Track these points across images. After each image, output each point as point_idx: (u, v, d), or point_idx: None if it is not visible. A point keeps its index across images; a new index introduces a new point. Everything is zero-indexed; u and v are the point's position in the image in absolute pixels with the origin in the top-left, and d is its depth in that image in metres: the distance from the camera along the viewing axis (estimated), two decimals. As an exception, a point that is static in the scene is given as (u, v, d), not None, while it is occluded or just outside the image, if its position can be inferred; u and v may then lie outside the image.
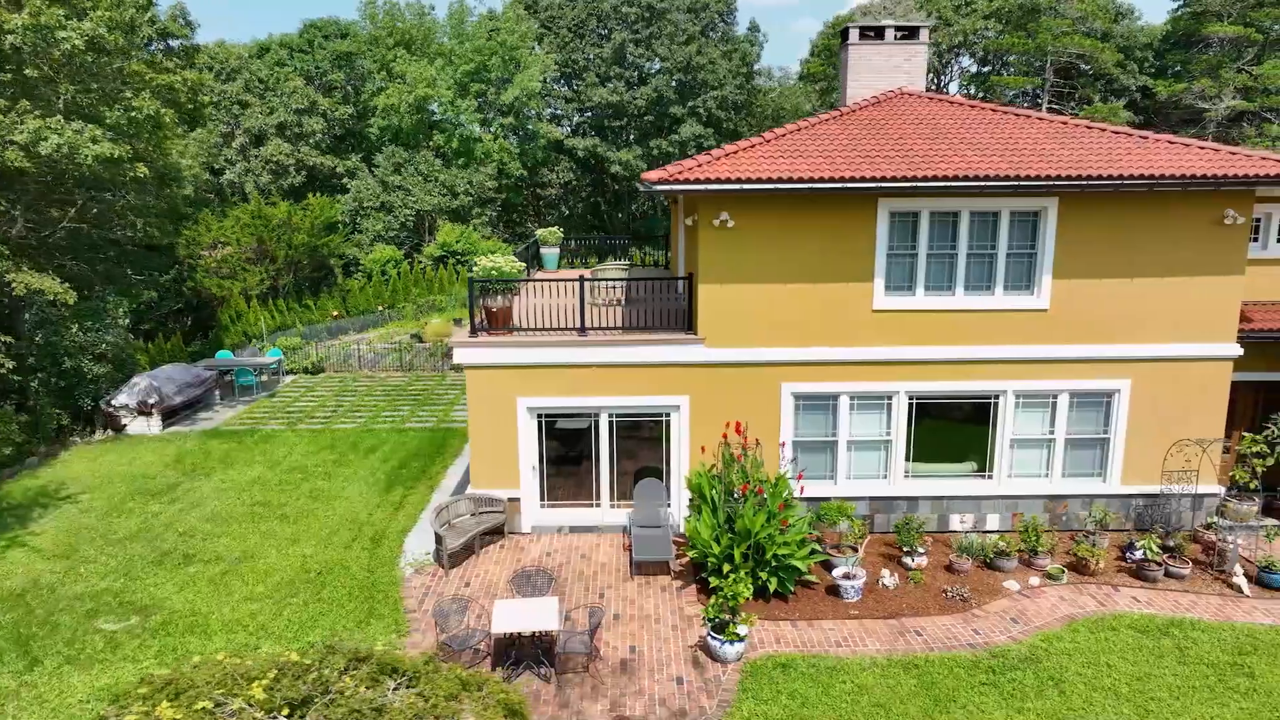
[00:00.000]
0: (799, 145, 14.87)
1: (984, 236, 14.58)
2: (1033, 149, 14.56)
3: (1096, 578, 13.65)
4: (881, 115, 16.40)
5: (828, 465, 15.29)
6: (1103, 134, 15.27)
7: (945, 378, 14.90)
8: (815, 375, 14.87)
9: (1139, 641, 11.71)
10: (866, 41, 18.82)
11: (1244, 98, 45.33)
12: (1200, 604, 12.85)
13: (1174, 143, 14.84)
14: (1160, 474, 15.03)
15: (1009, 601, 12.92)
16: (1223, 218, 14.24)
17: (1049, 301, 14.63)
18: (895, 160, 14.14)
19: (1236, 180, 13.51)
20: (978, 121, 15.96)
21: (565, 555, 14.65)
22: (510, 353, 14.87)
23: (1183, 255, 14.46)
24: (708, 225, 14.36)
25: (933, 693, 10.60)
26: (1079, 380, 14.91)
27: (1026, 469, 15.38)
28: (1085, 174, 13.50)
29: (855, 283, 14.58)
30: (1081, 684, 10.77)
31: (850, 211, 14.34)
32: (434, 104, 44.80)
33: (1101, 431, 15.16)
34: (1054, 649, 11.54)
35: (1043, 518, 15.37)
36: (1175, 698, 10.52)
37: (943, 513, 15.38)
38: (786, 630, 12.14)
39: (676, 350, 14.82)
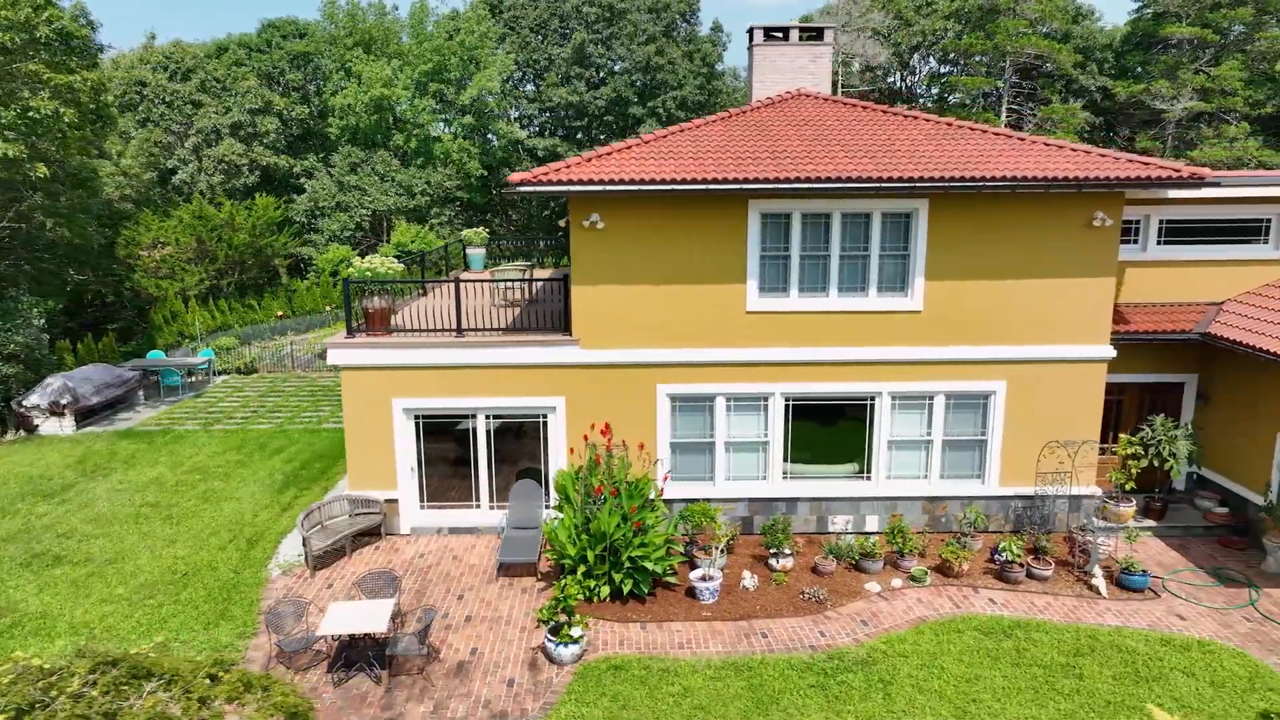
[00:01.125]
0: (675, 147, 14.87)
1: (857, 238, 14.58)
2: (908, 151, 14.57)
3: (960, 579, 13.66)
4: (769, 117, 16.41)
5: (706, 466, 15.29)
6: (983, 136, 15.28)
7: (821, 379, 14.91)
8: (690, 377, 14.87)
9: (980, 643, 11.72)
10: (771, 43, 18.82)
11: (1202, 99, 45.38)
12: (1055, 605, 12.86)
13: (1050, 145, 14.85)
14: (1035, 476, 15.04)
15: (865, 603, 12.93)
16: (1092, 219, 14.25)
17: (922, 303, 14.64)
18: (766, 162, 14.14)
19: (1098, 182, 13.52)
20: (863, 123, 15.96)
21: (438, 556, 14.65)
22: (386, 354, 14.86)
23: (1055, 257, 14.47)
24: (578, 226, 14.35)
25: (758, 695, 10.61)
26: (954, 382, 14.92)
27: (905, 470, 15.39)
28: (948, 175, 13.50)
29: (728, 284, 14.58)
30: (910, 686, 10.78)
31: (721, 213, 14.34)
32: (393, 104, 44.76)
33: (979, 433, 15.17)
34: (893, 651, 11.55)
35: (922, 519, 15.38)
36: (997, 699, 10.53)
37: (822, 514, 15.39)
38: (634, 632, 12.14)
39: (551, 351, 14.82)
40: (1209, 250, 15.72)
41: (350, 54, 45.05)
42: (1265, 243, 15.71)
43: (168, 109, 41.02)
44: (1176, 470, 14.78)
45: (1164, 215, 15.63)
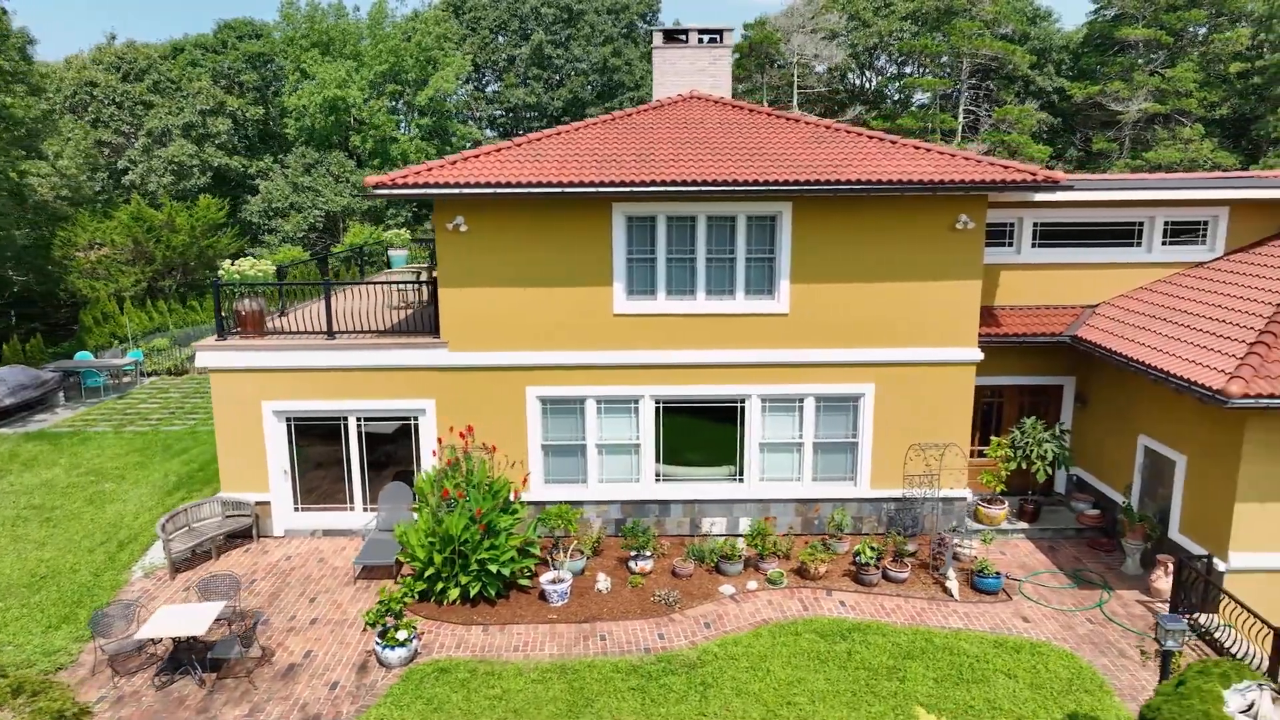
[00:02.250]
0: (544, 149, 14.90)
1: (723, 241, 14.61)
2: (777, 154, 14.59)
3: (817, 582, 13.68)
4: (653, 119, 16.44)
5: (579, 469, 15.31)
6: (857, 139, 15.32)
7: (690, 382, 14.93)
8: (560, 379, 14.89)
9: (815, 646, 11.75)
10: (671, 45, 18.86)
11: (1157, 100, 45.47)
12: (904, 608, 12.89)
13: (919, 148, 14.88)
14: (903, 478, 15.07)
15: (714, 606, 12.95)
16: (955, 222, 14.29)
17: (788, 306, 14.67)
18: (630, 165, 14.16)
19: (954, 185, 13.56)
20: (743, 126, 16.00)
21: (304, 559, 14.65)
22: (256, 356, 14.86)
23: (921, 260, 14.51)
24: (443, 229, 14.37)
25: (576, 698, 10.63)
26: (823, 385, 14.95)
27: (778, 473, 15.41)
28: (802, 179, 13.53)
29: (595, 287, 14.59)
30: (729, 689, 10.80)
31: (586, 216, 14.36)
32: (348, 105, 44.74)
33: (850, 436, 15.20)
34: (725, 654, 11.57)
35: (796, 521, 15.42)
36: (812, 702, 10.56)
37: (695, 516, 15.41)
38: (475, 635, 12.15)
39: (420, 354, 14.83)
40: (1082, 253, 15.77)
41: (306, 55, 45.05)
42: (1139, 246, 15.76)
43: (117, 109, 40.97)
44: (1042, 473, 14.82)
45: (1038, 218, 15.67)
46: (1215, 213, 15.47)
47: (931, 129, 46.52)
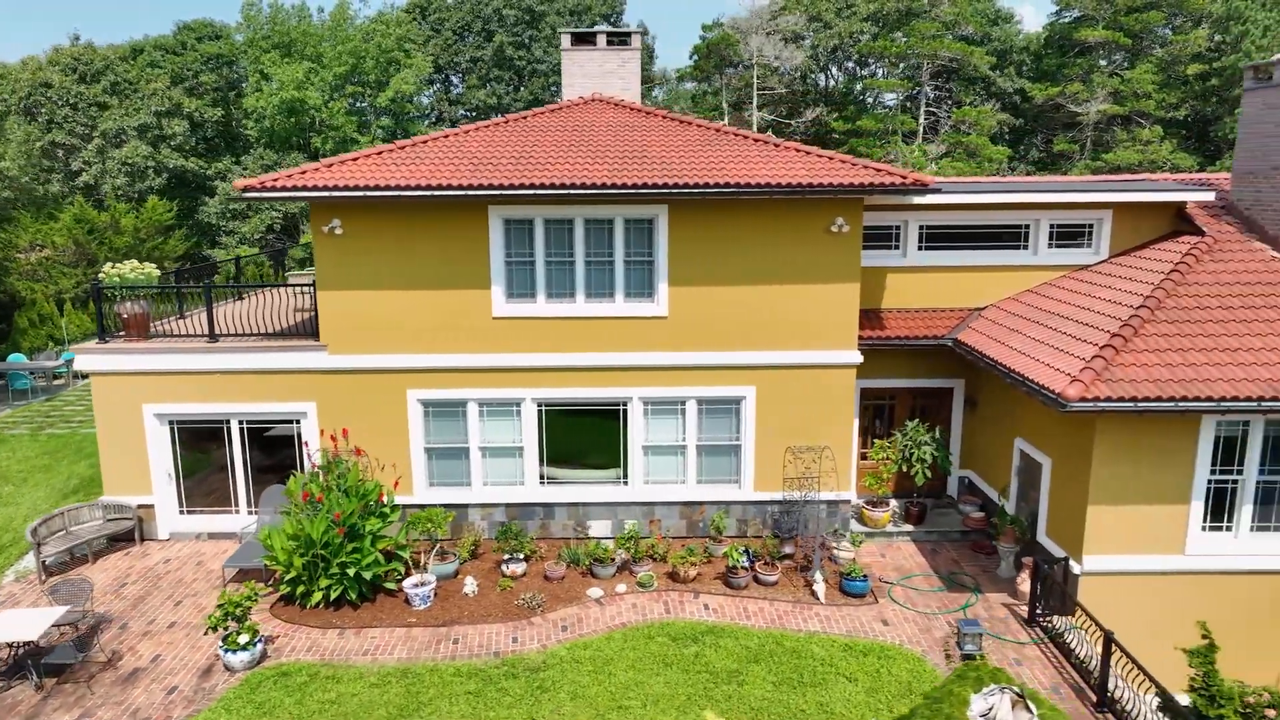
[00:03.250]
0: (425, 152, 14.89)
1: (601, 244, 14.61)
2: (658, 158, 14.60)
3: (689, 585, 13.68)
4: (548, 122, 16.45)
5: (463, 472, 15.30)
6: (742, 142, 15.33)
7: (571, 384, 14.92)
8: (441, 382, 14.88)
9: (664, 649, 11.74)
10: (580, 47, 18.90)
11: (1116, 102, 45.54)
12: (767, 611, 12.89)
13: (800, 151, 14.90)
14: (783, 481, 15.07)
15: (578, 609, 12.94)
16: (831, 225, 14.30)
17: (668, 309, 14.67)
18: (506, 168, 14.16)
19: (823, 188, 13.57)
20: (633, 129, 16.02)
21: (182, 562, 14.63)
22: (137, 359, 14.83)
23: (799, 263, 14.52)
24: (319, 232, 14.35)
25: (409, 702, 10.62)
26: (705, 387, 14.95)
27: (663, 475, 15.41)
28: (670, 182, 13.53)
29: (474, 290, 14.59)
30: (566, 693, 10.80)
31: (462, 219, 14.35)
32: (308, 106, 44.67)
33: (733, 439, 15.20)
34: (573, 657, 11.57)
35: (681, 524, 15.42)
36: (645, 706, 10.55)
37: (580, 519, 15.40)
38: (330, 639, 12.14)
39: (301, 357, 14.81)
40: (969, 256, 15.78)
41: (266, 57, 44.97)
42: (1026, 249, 15.77)
43: (72, 111, 40.89)
44: (920, 476, 14.83)
45: (924, 221, 15.67)
46: (1099, 216, 15.49)
47: (892, 130, 46.54)
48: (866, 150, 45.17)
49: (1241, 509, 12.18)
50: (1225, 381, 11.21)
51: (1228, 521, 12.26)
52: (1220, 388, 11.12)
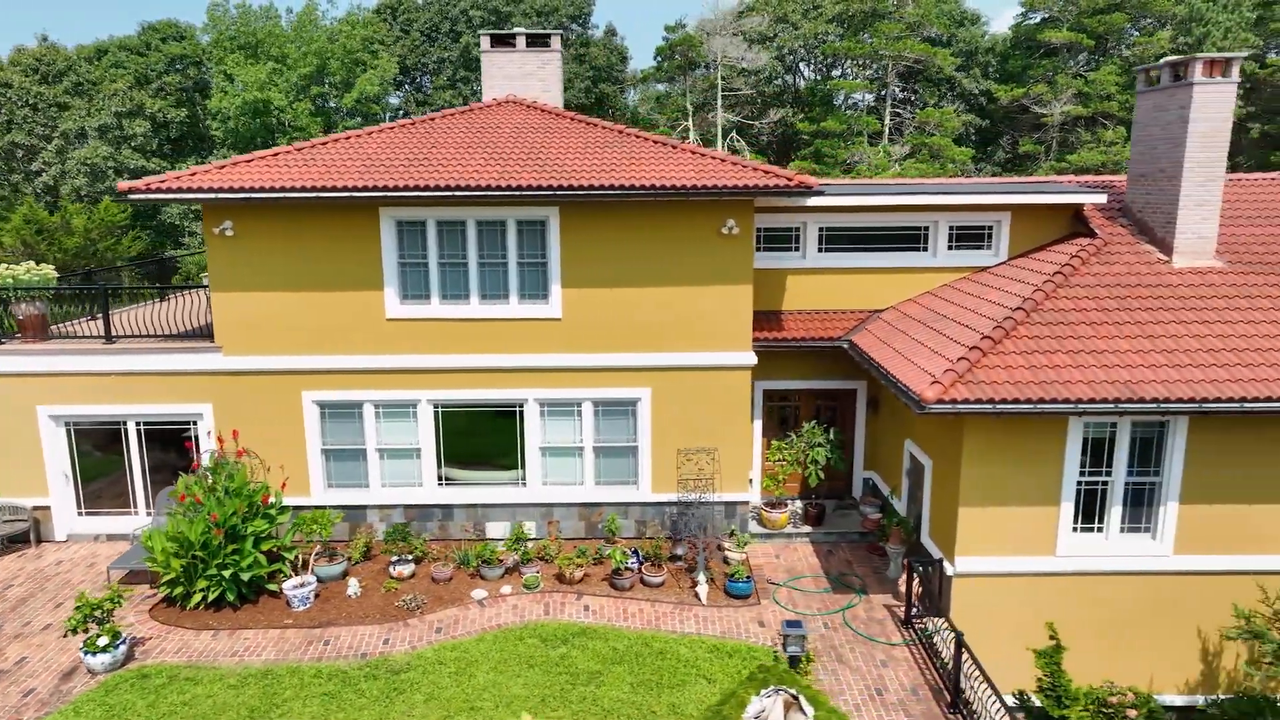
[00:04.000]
0: (322, 154, 14.90)
1: (494, 245, 14.63)
2: (554, 159, 14.61)
3: (575, 586, 13.69)
4: (451, 124, 16.43)
5: (361, 473, 15.30)
6: (644, 144, 15.36)
7: (467, 386, 14.94)
8: (337, 384, 14.88)
9: (532, 651, 11.76)
10: (500, 49, 18.84)
11: (1080, 103, 45.61)
12: (647, 612, 12.90)
13: (696, 153, 14.92)
14: (677, 482, 15.09)
15: (458, 610, 12.95)
16: (721, 227, 14.33)
17: (562, 311, 14.69)
18: (397, 170, 14.17)
19: (707, 190, 13.60)
20: (538, 130, 16.01)
21: (75, 563, 14.63)
22: (30, 360, 14.82)
23: (691, 265, 14.54)
24: (211, 234, 14.36)
25: (262, 703, 10.62)
26: (600, 389, 14.96)
27: (560, 476, 15.42)
28: (555, 183, 13.56)
29: (368, 291, 14.60)
30: (423, 694, 10.81)
31: (355, 220, 14.36)
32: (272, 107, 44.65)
33: (630, 440, 15.22)
34: (438, 658, 11.58)
35: (579, 526, 15.43)
36: (498, 707, 10.57)
37: (478, 520, 15.42)
38: (203, 641, 12.14)
39: (196, 358, 14.81)
40: (869, 258, 15.80)
41: (230, 57, 44.94)
42: (926, 250, 15.80)
43: (32, 111, 40.85)
44: (814, 477, 14.86)
45: (824, 223, 15.69)
46: (998, 218, 15.52)
47: (858, 131, 46.59)
48: (831, 151, 45.25)
49: (1111, 510, 12.21)
50: (1085, 384, 11.25)
51: (1099, 523, 12.30)
52: (1079, 389, 11.15)
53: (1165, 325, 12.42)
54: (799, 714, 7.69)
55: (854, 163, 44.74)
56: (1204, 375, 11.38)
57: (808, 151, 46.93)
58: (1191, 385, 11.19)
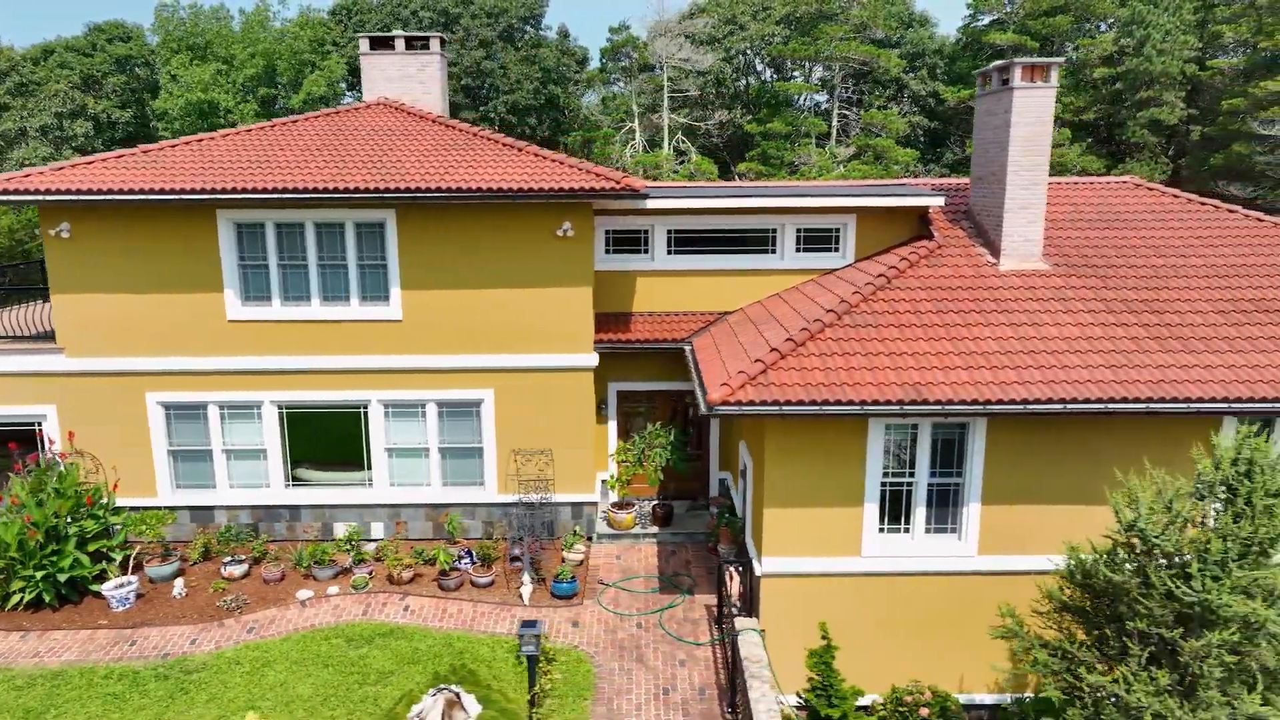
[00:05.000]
0: (165, 157, 14.94)
1: (334, 247, 14.70)
2: (395, 161, 14.68)
3: (404, 586, 13.75)
4: (309, 127, 16.51)
5: (208, 474, 15.36)
6: (493, 147, 15.44)
7: (310, 387, 15.00)
8: (181, 385, 14.94)
9: (335, 651, 11.83)
10: (378, 51, 18.88)
11: (1025, 105, 45.66)
12: (465, 612, 12.98)
13: (539, 156, 15.01)
14: (518, 483, 15.16)
15: (278, 611, 13.01)
16: (557, 230, 14.42)
17: (402, 312, 14.77)
18: (234, 173, 14.22)
19: (533, 193, 13.69)
20: (393, 134, 16.08)
21: (-86, 565, 14.66)
22: (-126, 362, 14.87)
23: (530, 267, 14.64)
24: (48, 236, 14.41)
25: (43, 704, 10.70)
26: (443, 390, 15.04)
27: (408, 478, 15.49)
28: (388, 186, 13.64)
29: (209, 293, 14.66)
30: (207, 694, 10.89)
31: (193, 222, 14.42)
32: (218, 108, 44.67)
33: (475, 441, 15.30)
34: (239, 658, 11.65)
35: (427, 526, 15.51)
36: (278, 706, 10.64)
37: (326, 521, 15.48)
38: (10, 642, 12.21)
39: (39, 360, 14.84)
40: (717, 260, 15.88)
41: (176, 58, 44.96)
42: (774, 253, 15.89)
43: (-30, 111, 40.87)
44: (653, 478, 14.95)
45: (672, 225, 15.77)
46: (844, 221, 15.62)
47: (805, 133, 46.70)
48: (777, 153, 45.36)
49: (916, 511, 12.31)
50: (874, 385, 11.33)
51: (904, 524, 12.39)
52: (867, 391, 11.23)
53: (974, 328, 12.52)
54: (461, 711, 7.79)
55: (799, 164, 44.86)
56: (994, 377, 11.48)
57: (755, 153, 47.06)
58: (978, 388, 11.28)
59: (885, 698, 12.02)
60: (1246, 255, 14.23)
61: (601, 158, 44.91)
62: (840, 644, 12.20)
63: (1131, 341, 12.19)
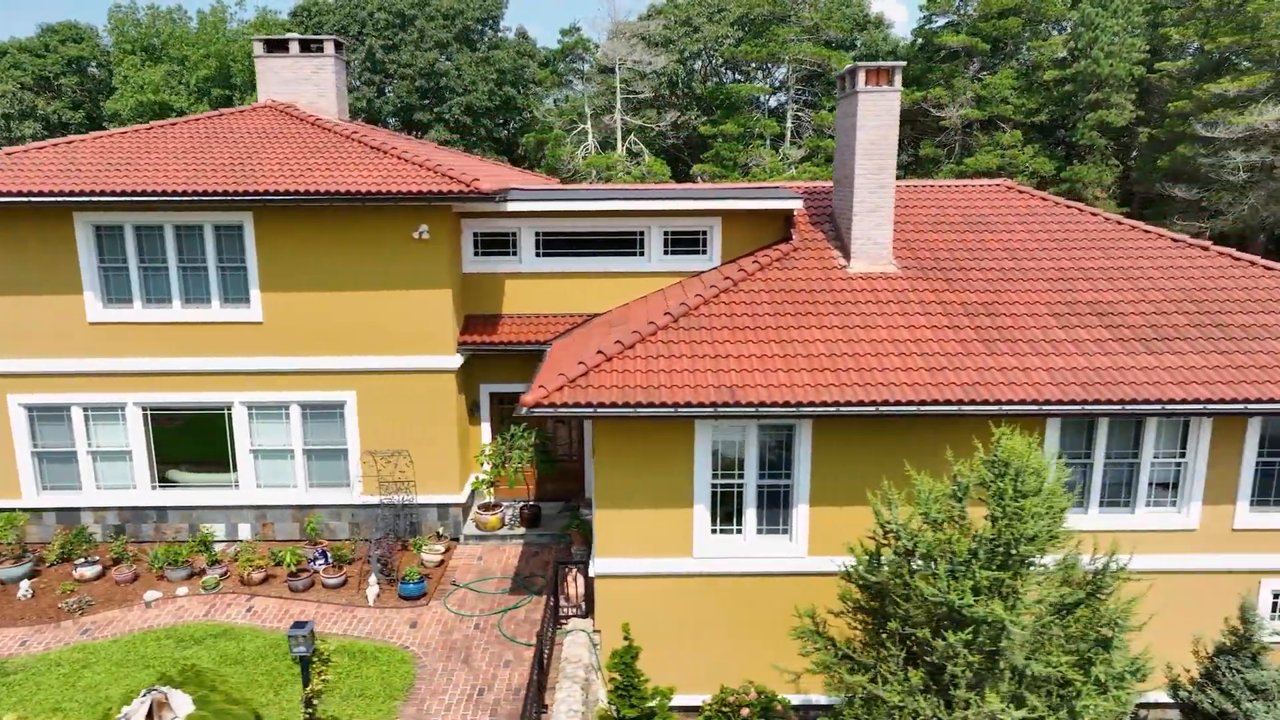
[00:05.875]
0: (27, 159, 14.93)
1: (194, 250, 14.76)
2: (255, 164, 14.72)
3: (254, 587, 13.81)
4: (183, 130, 16.52)
5: (74, 475, 15.39)
6: (358, 149, 15.47)
7: (173, 389, 15.05)
8: (42, 387, 14.97)
9: (160, 652, 11.88)
10: (274, 54, 18.92)
11: (978, 106, 45.89)
12: (308, 613, 13.04)
13: (401, 159, 15.04)
14: (379, 484, 15.23)
15: (120, 612, 13.06)
16: (413, 233, 14.48)
17: (262, 314, 14.82)
18: (91, 175, 14.24)
19: (382, 196, 13.75)
20: (269, 137, 16.11)
21: None
22: None
23: (389, 269, 14.70)
24: (-96, 238, 14.46)
25: None
26: (305, 392, 15.10)
27: (274, 479, 15.54)
28: (237, 189, 13.69)
29: (69, 295, 14.69)
30: (16, 697, 10.94)
31: (51, 224, 14.46)
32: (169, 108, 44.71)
33: (340, 443, 15.35)
34: (64, 659, 11.72)
35: (293, 528, 15.56)
36: (83, 708, 10.69)
37: (194, 522, 15.53)
38: None
39: (-101, 362, 14.90)
40: (585, 262, 15.92)
41: (129, 59, 45.03)
42: (642, 255, 15.95)
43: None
44: (512, 480, 15.01)
45: (540, 228, 15.83)
46: (709, 223, 15.69)
47: (758, 134, 46.82)
48: (730, 154, 45.47)
49: (747, 512, 12.38)
50: (690, 388, 11.39)
51: (737, 525, 12.47)
52: (682, 394, 11.30)
53: (805, 330, 12.60)
54: (168, 711, 7.87)
55: (751, 166, 44.98)
56: (812, 380, 11.55)
57: (709, 155, 47.18)
58: (793, 390, 11.36)
59: (714, 698, 12.10)
60: (1097, 258, 14.33)
61: (553, 160, 44.99)
62: (676, 644, 12.33)
63: (959, 344, 12.28)
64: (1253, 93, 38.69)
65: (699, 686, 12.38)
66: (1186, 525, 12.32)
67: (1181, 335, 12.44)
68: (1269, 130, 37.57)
